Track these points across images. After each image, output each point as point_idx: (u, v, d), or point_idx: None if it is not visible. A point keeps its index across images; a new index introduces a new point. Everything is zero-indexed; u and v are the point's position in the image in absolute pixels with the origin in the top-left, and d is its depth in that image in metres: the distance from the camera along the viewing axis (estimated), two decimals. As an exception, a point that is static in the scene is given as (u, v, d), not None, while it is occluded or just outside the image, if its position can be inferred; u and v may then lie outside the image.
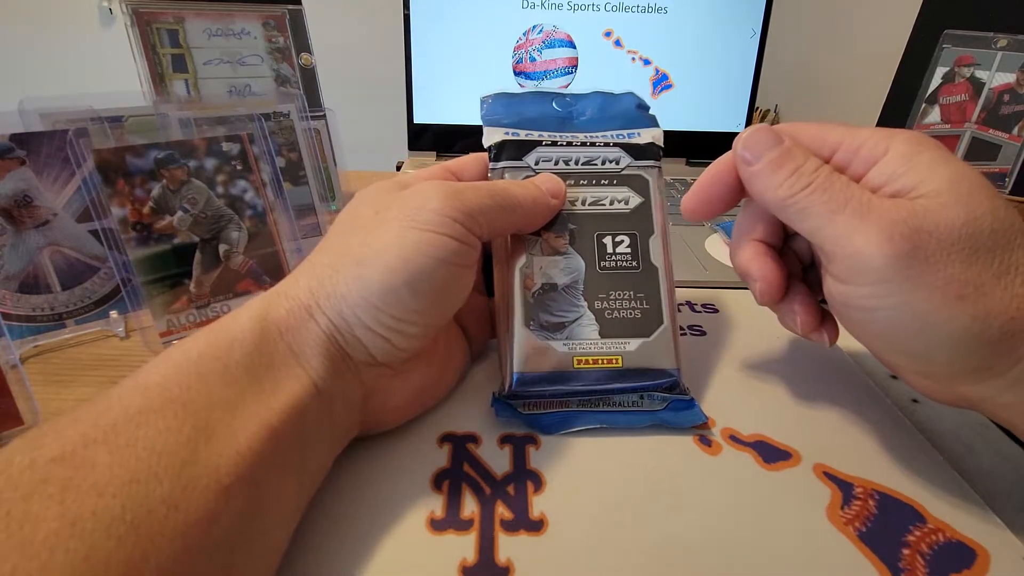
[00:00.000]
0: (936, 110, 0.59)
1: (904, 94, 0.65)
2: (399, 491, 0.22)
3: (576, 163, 0.28)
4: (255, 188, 0.36)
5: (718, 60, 0.67)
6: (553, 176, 0.27)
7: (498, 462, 0.24)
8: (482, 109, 0.30)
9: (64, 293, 0.34)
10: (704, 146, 0.69)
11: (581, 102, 0.31)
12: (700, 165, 0.69)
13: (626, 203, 0.28)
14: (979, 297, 0.19)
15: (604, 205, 0.28)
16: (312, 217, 0.46)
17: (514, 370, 0.25)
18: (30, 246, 0.33)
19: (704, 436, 0.26)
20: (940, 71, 0.58)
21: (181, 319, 0.33)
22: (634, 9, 0.64)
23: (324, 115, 0.52)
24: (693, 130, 0.68)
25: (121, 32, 0.47)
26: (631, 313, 0.26)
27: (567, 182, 0.28)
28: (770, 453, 0.25)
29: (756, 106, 0.68)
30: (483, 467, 0.24)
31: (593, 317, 0.26)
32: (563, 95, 0.31)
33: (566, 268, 0.26)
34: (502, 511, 0.22)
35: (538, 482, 0.23)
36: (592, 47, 0.65)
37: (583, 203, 0.28)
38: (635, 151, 0.28)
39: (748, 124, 0.68)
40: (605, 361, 0.26)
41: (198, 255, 0.34)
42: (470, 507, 0.22)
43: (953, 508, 0.22)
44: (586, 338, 0.26)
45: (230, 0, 0.49)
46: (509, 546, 0.20)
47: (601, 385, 0.26)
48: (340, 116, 0.53)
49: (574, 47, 0.65)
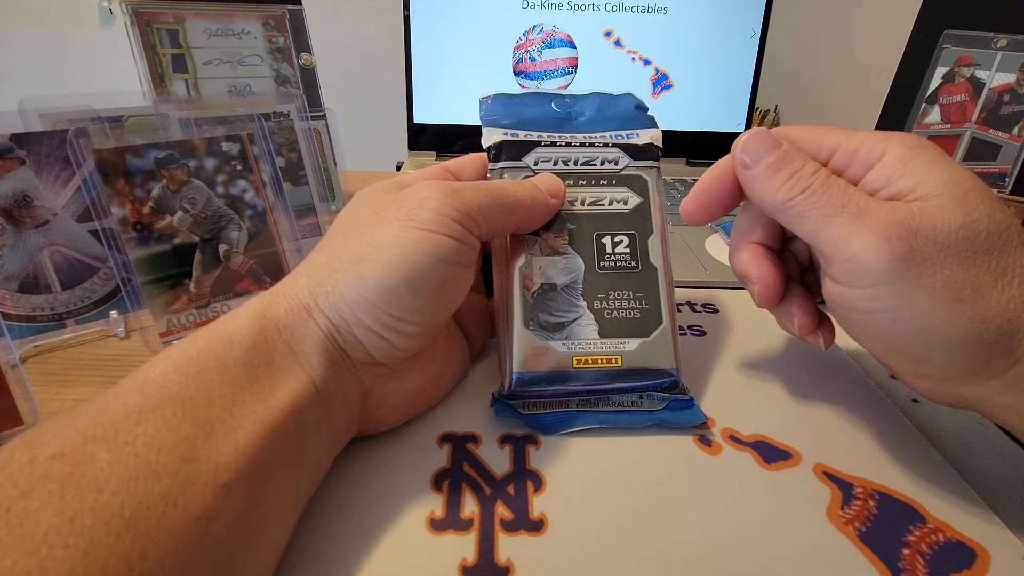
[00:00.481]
0: (936, 110, 0.59)
1: (904, 94, 0.65)
2: (399, 491, 0.22)
3: (575, 163, 0.28)
4: (255, 188, 0.36)
5: (718, 60, 0.67)
6: (552, 176, 0.27)
7: (498, 462, 0.24)
8: (481, 110, 0.30)
9: (64, 293, 0.34)
10: (704, 146, 0.69)
11: (580, 103, 0.31)
12: (700, 165, 0.69)
13: (625, 203, 0.28)
14: (977, 299, 0.19)
15: (603, 205, 0.28)
16: (312, 217, 0.46)
17: (513, 370, 0.25)
18: (30, 246, 0.33)
19: (704, 436, 0.26)
20: (940, 71, 0.58)
21: (181, 319, 0.33)
22: (634, 9, 0.64)
23: (324, 115, 0.52)
24: (693, 130, 0.68)
25: (121, 32, 0.47)
26: (630, 313, 0.26)
27: (566, 182, 0.28)
28: (770, 453, 0.25)
29: (756, 106, 0.68)
30: (483, 467, 0.24)
31: (592, 317, 0.26)
32: (562, 96, 0.31)
33: (565, 268, 0.27)
34: (502, 511, 0.22)
35: (538, 482, 0.23)
36: (592, 47, 0.65)
37: (582, 203, 0.28)
38: (634, 151, 0.28)
39: (748, 124, 0.68)
40: (604, 361, 0.26)
41: (198, 255, 0.34)
42: (470, 507, 0.22)
43: (953, 508, 0.22)
44: (585, 338, 0.26)
45: (230, 0, 0.49)
46: (509, 546, 0.20)
47: (600, 385, 0.26)
48: (340, 116, 0.53)
49: (574, 47, 0.65)
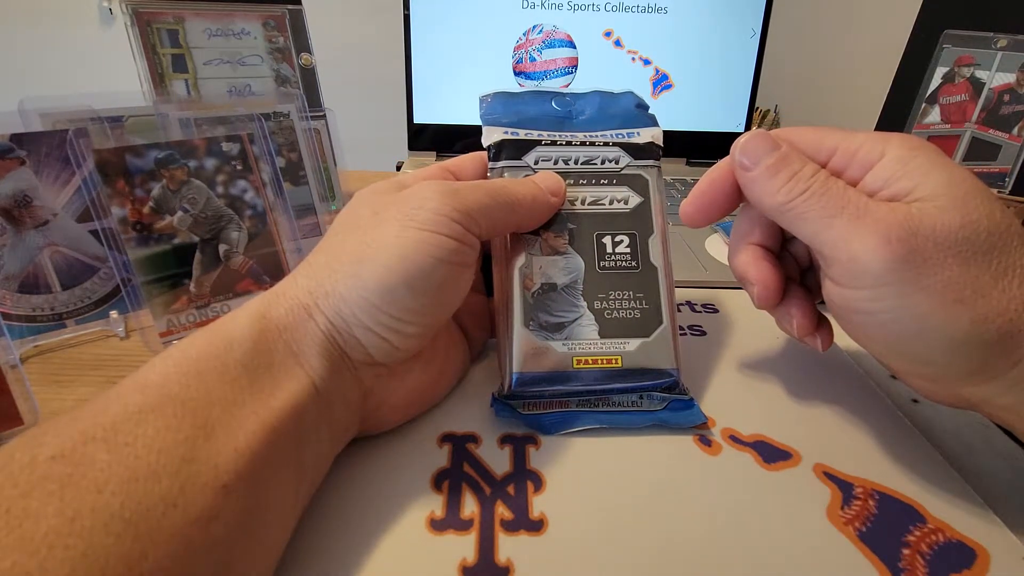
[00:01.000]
0: (936, 110, 0.59)
1: (904, 94, 0.65)
2: (399, 491, 0.22)
3: (575, 162, 0.28)
4: (255, 188, 0.36)
5: (718, 60, 0.66)
6: (553, 174, 0.27)
7: (498, 462, 0.24)
8: (481, 108, 0.30)
9: (64, 293, 0.34)
10: (704, 146, 0.69)
11: (580, 101, 0.31)
12: (700, 165, 0.69)
13: (626, 203, 0.28)
14: (977, 299, 0.19)
15: (604, 205, 0.28)
16: (312, 217, 0.46)
17: (513, 370, 0.25)
18: (30, 246, 0.33)
19: (704, 436, 0.26)
20: (940, 71, 0.58)
21: (181, 319, 0.33)
22: (634, 9, 0.64)
23: (324, 115, 0.52)
24: (693, 130, 0.68)
25: (121, 32, 0.47)
26: (630, 313, 0.26)
27: (567, 181, 0.27)
28: (770, 453, 0.25)
29: (756, 106, 0.68)
30: (483, 467, 0.24)
31: (592, 317, 0.26)
32: (562, 94, 0.31)
33: (565, 268, 0.26)
34: (502, 511, 0.22)
35: (538, 482, 0.23)
36: (592, 47, 0.65)
37: (582, 203, 0.28)
38: (635, 150, 0.28)
39: (748, 124, 0.68)
40: (604, 361, 0.26)
41: (198, 255, 0.34)
42: (470, 507, 0.22)
43: (953, 508, 0.22)
44: (585, 338, 0.26)
45: (230, 0, 0.49)
46: (509, 546, 0.20)
47: (600, 385, 0.26)
48: (340, 116, 0.53)
49: (574, 47, 0.65)
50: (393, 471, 0.23)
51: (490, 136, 0.28)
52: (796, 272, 0.28)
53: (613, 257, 0.27)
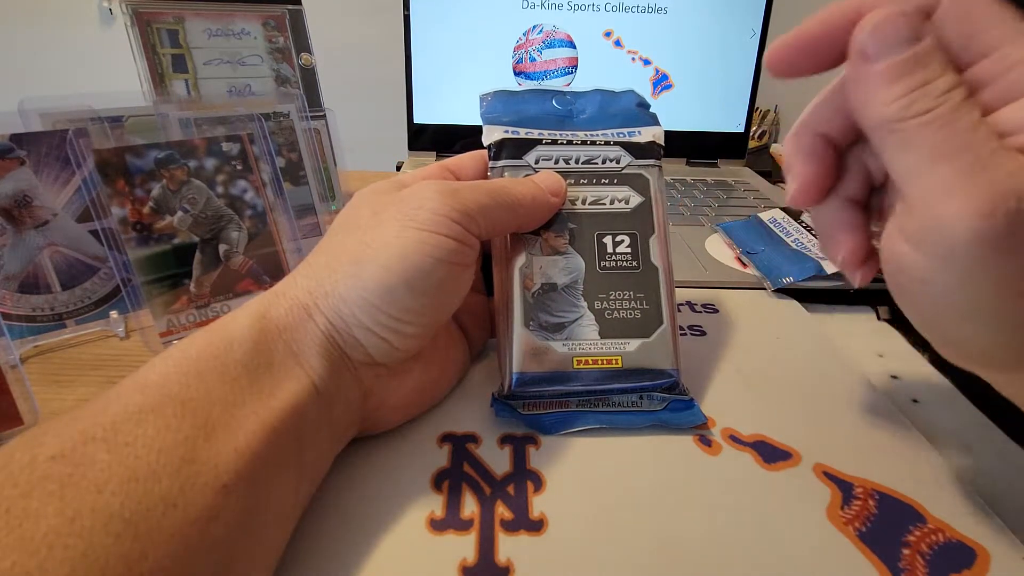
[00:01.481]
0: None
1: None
2: (399, 491, 0.22)
3: (576, 162, 0.28)
4: (255, 188, 0.36)
5: (718, 60, 0.66)
6: (553, 174, 0.27)
7: (498, 462, 0.24)
8: (481, 107, 0.30)
9: (64, 293, 0.34)
10: (704, 146, 0.69)
11: (581, 100, 0.31)
12: (700, 165, 0.69)
13: (626, 202, 0.28)
14: None
15: (604, 204, 0.28)
16: (312, 217, 0.46)
17: (513, 370, 0.25)
18: (30, 246, 0.33)
19: (704, 436, 0.26)
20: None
21: (181, 319, 0.33)
22: (634, 9, 0.64)
23: (324, 115, 0.52)
24: (693, 130, 0.68)
25: (121, 32, 0.47)
26: (631, 313, 0.26)
27: (567, 181, 0.27)
28: (770, 453, 0.25)
29: (756, 106, 0.68)
30: (483, 467, 0.24)
31: (593, 317, 0.26)
32: (563, 93, 0.31)
33: (566, 268, 0.26)
34: (502, 511, 0.22)
35: (538, 482, 0.23)
36: (592, 47, 0.65)
37: (583, 202, 0.28)
38: (636, 150, 0.28)
39: (748, 124, 0.68)
40: (605, 362, 0.26)
41: (198, 255, 0.34)
42: (470, 507, 0.22)
43: (953, 508, 0.22)
44: (586, 338, 0.26)
45: (230, 0, 0.49)
46: (509, 546, 0.20)
47: (600, 385, 0.26)
48: (340, 116, 0.53)
49: (574, 47, 0.65)
50: (393, 471, 0.23)
51: (490, 135, 0.28)
52: (862, 190, 0.21)
53: (614, 257, 0.27)
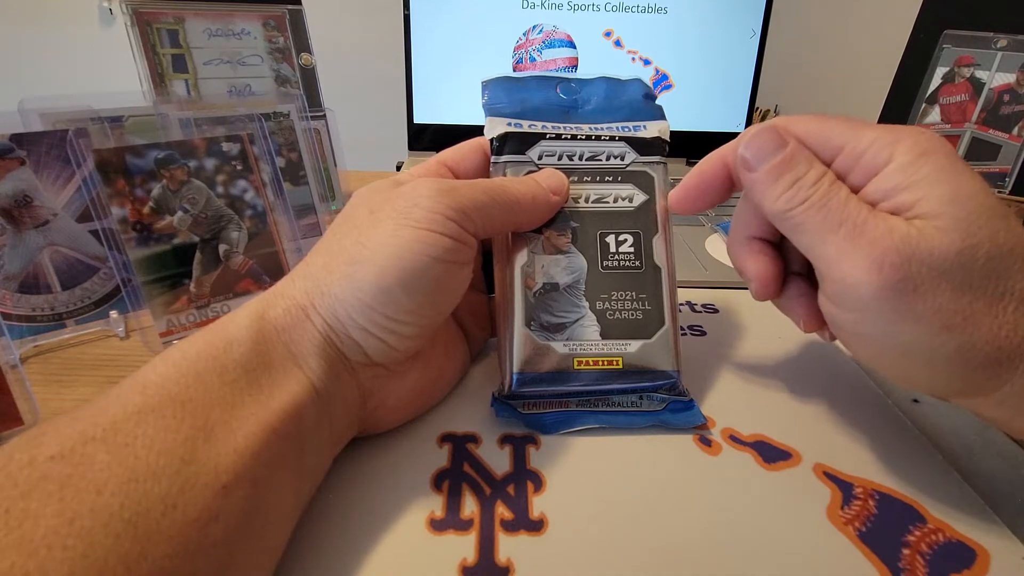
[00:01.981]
0: (936, 110, 0.59)
1: (904, 94, 0.65)
2: (399, 491, 0.22)
3: (580, 158, 0.28)
4: (255, 188, 0.36)
5: (718, 60, 0.67)
6: (556, 172, 0.27)
7: (498, 462, 0.24)
8: (483, 95, 0.29)
9: (64, 293, 0.34)
10: (704, 146, 0.68)
11: (586, 88, 0.30)
12: (700, 165, 0.69)
13: (630, 201, 0.27)
14: (967, 327, 0.18)
15: (608, 203, 0.27)
16: (312, 217, 0.46)
17: (514, 370, 0.25)
18: (30, 246, 0.33)
19: (704, 436, 0.26)
20: (940, 71, 0.58)
21: (181, 319, 0.33)
22: (634, 9, 0.64)
23: (324, 115, 0.52)
24: (693, 130, 0.68)
25: (121, 32, 0.47)
26: (632, 314, 0.26)
27: (570, 178, 0.27)
28: (770, 453, 0.25)
29: (756, 106, 0.68)
30: (483, 467, 0.24)
31: (594, 318, 0.26)
32: (568, 80, 0.30)
33: (568, 267, 0.26)
34: (502, 511, 0.22)
35: (538, 482, 0.23)
36: (592, 47, 0.65)
37: (586, 200, 0.27)
38: (641, 145, 0.28)
39: (748, 124, 0.68)
40: (605, 362, 0.25)
41: (198, 255, 0.34)
42: (470, 507, 0.22)
43: (953, 508, 0.22)
44: (587, 339, 0.26)
45: (230, 0, 0.49)
46: (509, 546, 0.20)
47: (600, 385, 0.25)
48: (340, 116, 0.53)
49: (574, 47, 0.65)
50: (393, 471, 0.23)
51: (493, 128, 0.27)
52: (802, 265, 0.26)
53: (616, 257, 0.27)
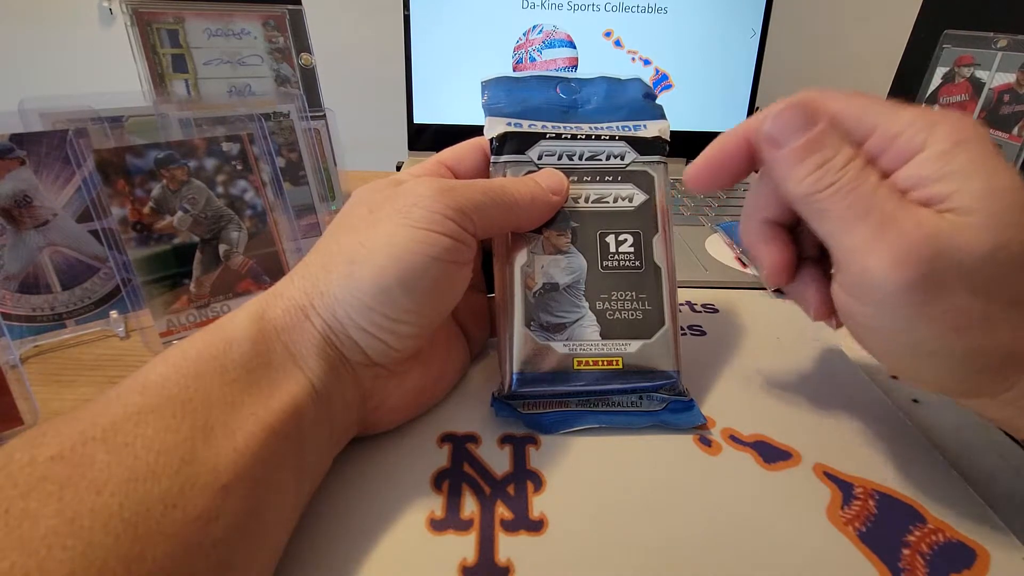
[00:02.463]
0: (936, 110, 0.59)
1: (904, 94, 0.65)
2: (399, 491, 0.22)
3: (580, 158, 0.28)
4: (255, 188, 0.36)
5: (718, 60, 0.66)
6: (555, 172, 0.27)
7: (498, 462, 0.24)
8: (483, 95, 0.29)
9: (64, 293, 0.34)
10: (704, 146, 0.69)
11: (586, 88, 0.30)
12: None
13: (630, 200, 0.27)
14: (977, 331, 0.18)
15: (608, 203, 0.27)
16: (312, 217, 0.45)
17: (514, 370, 0.25)
18: (30, 246, 0.33)
19: (704, 436, 0.26)
20: (940, 71, 0.58)
21: (181, 319, 0.33)
22: (634, 9, 0.64)
23: (324, 115, 0.52)
24: (693, 130, 0.68)
25: (121, 32, 0.47)
26: (632, 314, 0.26)
27: (570, 178, 0.27)
28: (770, 453, 0.25)
29: (756, 106, 0.68)
30: (483, 467, 0.24)
31: (594, 318, 0.26)
32: (568, 80, 0.30)
33: (568, 267, 0.26)
34: (502, 511, 0.22)
35: (538, 482, 0.23)
36: (592, 47, 0.65)
37: (586, 200, 0.27)
38: (641, 145, 0.28)
39: (748, 124, 0.68)
40: (605, 363, 0.25)
41: (198, 255, 0.34)
42: (470, 507, 0.22)
43: (953, 508, 0.22)
44: (587, 339, 0.26)
45: (230, 0, 0.49)
46: (509, 546, 0.20)
47: (600, 385, 0.26)
48: (340, 116, 0.52)
49: (574, 47, 0.65)
50: (393, 471, 0.23)
51: (493, 128, 0.27)
52: (815, 250, 0.24)
53: (616, 257, 0.27)
